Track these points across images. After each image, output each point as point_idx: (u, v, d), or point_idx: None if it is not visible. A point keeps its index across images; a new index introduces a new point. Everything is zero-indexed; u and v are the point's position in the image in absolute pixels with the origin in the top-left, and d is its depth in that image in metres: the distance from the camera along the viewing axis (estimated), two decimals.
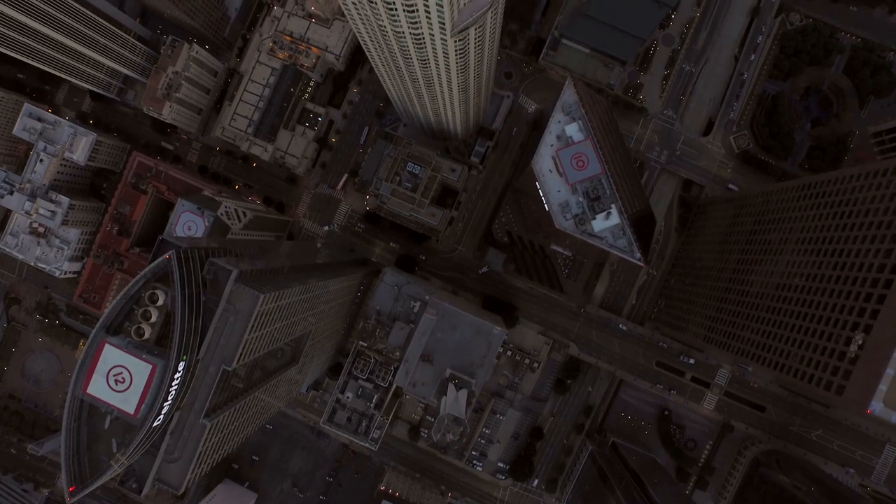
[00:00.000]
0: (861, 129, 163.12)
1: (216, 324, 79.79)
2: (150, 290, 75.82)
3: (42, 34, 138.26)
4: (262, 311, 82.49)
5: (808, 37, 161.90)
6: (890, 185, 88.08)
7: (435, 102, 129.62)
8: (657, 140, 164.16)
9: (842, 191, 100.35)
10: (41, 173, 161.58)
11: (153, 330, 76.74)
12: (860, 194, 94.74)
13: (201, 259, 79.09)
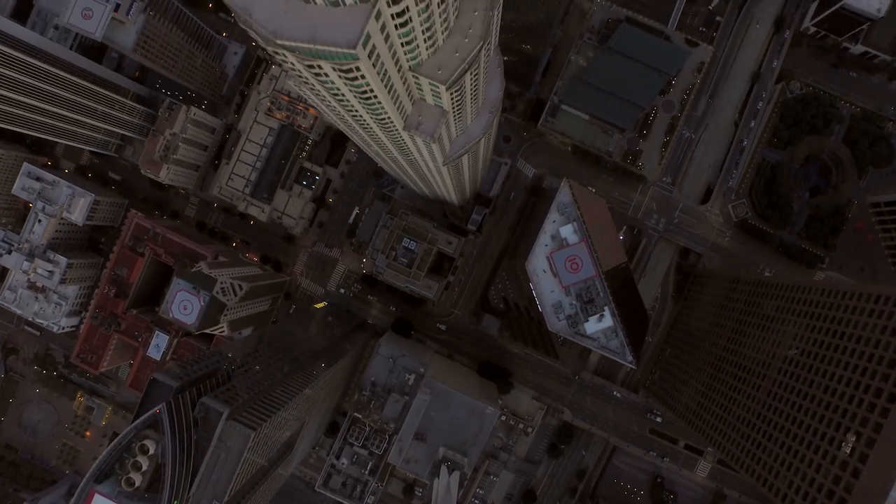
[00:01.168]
0: (860, 198, 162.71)
1: (208, 461, 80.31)
2: (140, 439, 76.29)
3: (40, 108, 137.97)
4: (253, 444, 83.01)
5: (808, 106, 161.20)
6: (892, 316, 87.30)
7: (428, 184, 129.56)
8: (655, 207, 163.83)
9: (839, 307, 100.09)
10: (39, 234, 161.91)
11: (143, 478, 77.28)
12: (857, 317, 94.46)
13: (192, 399, 79.47)
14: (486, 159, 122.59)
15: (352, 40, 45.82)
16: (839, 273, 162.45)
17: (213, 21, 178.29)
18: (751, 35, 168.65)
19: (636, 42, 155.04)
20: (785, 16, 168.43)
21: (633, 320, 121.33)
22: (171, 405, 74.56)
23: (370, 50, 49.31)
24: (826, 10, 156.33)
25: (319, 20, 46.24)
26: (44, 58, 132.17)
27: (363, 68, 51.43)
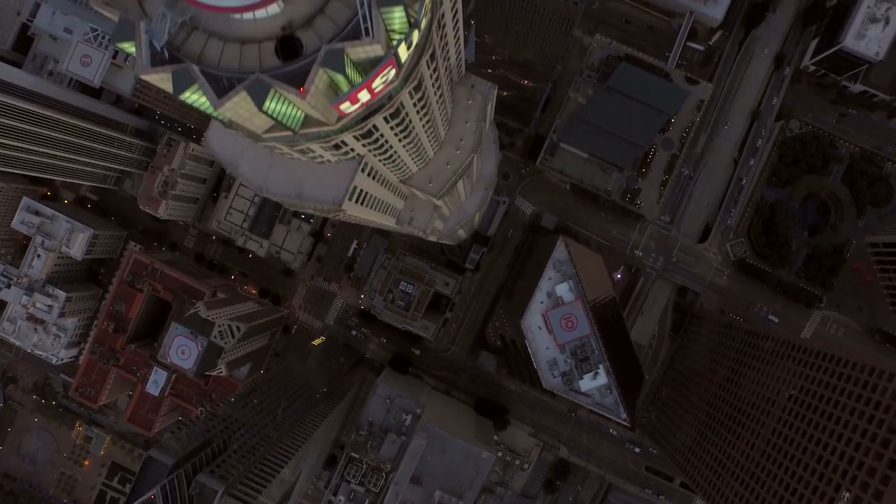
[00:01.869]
0: (858, 238, 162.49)
1: None
2: None
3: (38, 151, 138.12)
4: None
5: (807, 145, 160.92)
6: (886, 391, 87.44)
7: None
8: (653, 246, 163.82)
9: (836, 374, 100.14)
10: (38, 268, 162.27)
11: None
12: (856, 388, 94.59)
13: (188, 476, 79.86)
14: (482, 216, 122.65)
15: (338, 198, 45.95)
16: (837, 312, 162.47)
17: None
18: (751, 72, 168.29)
19: (636, 81, 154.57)
20: (785, 53, 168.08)
21: (627, 377, 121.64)
22: (166, 488, 74.97)
23: (357, 194, 49.38)
24: (825, 50, 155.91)
25: (305, 175, 46.26)
26: (42, 102, 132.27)
27: (348, 208, 51.34)
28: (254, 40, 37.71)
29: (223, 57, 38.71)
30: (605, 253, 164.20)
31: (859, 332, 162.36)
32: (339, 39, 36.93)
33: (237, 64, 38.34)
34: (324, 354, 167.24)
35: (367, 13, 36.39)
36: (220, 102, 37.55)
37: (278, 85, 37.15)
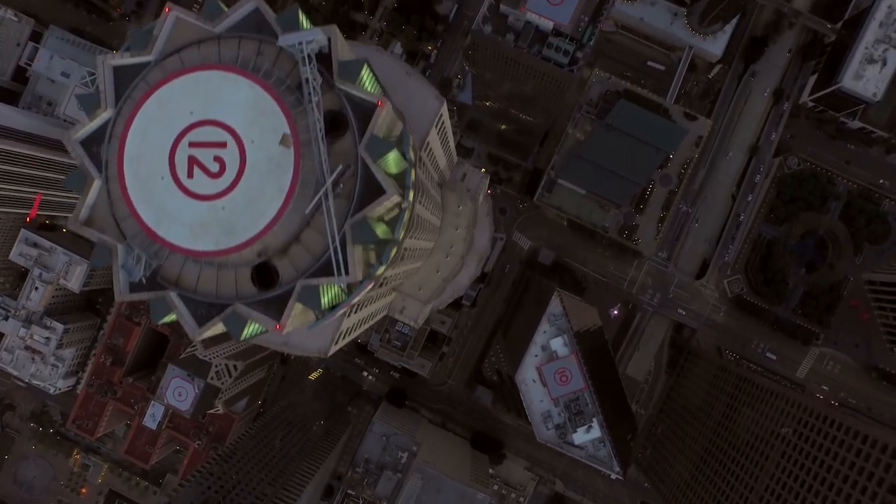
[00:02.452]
0: (856, 275, 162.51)
1: None
2: None
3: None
4: None
5: (805, 182, 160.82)
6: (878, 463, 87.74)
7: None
8: (651, 282, 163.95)
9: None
10: (36, 301, 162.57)
11: None
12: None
13: None
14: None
15: (324, 347, 46.03)
16: (834, 349, 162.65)
17: None
18: (750, 106, 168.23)
19: (634, 118, 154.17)
20: (784, 88, 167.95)
21: (621, 429, 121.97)
22: None
23: (345, 332, 49.35)
24: (824, 88, 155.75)
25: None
26: (40, 142, 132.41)
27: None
28: (230, 266, 37.85)
29: (200, 282, 38.54)
30: (602, 289, 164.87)
31: (856, 369, 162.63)
32: (315, 271, 37.02)
33: (214, 289, 38.37)
34: (321, 387, 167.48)
35: (339, 257, 36.51)
36: (198, 332, 37.75)
37: (255, 317, 37.32)
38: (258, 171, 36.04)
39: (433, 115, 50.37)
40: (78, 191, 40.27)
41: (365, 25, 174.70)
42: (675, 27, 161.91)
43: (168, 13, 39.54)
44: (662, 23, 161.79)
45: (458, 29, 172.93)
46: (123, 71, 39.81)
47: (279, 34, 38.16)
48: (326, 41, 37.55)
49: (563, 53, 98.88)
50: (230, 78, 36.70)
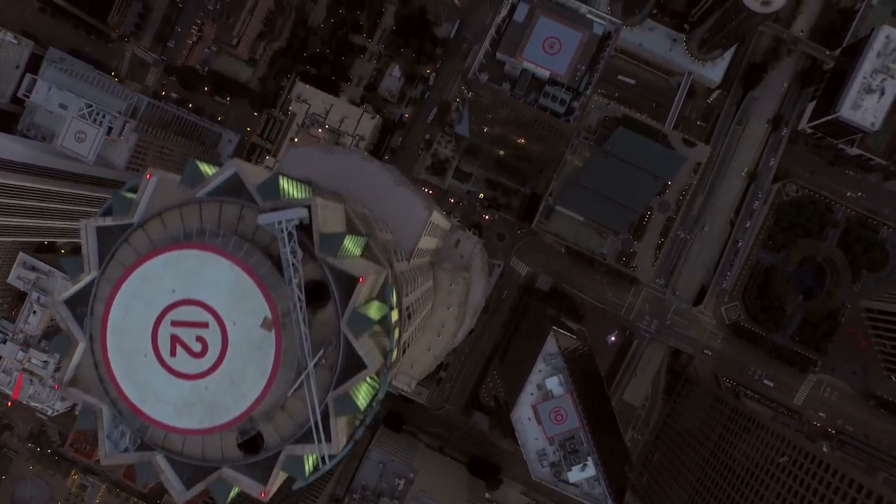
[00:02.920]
0: (853, 302, 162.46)
1: None
2: None
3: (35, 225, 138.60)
4: None
5: (804, 210, 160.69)
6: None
7: None
8: (648, 309, 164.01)
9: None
10: (34, 325, 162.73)
11: None
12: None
13: None
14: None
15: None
16: (831, 376, 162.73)
17: (207, 104, 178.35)
18: (748, 132, 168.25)
19: (633, 146, 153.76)
20: (782, 113, 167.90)
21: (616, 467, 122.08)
22: None
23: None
24: (822, 116, 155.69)
25: None
26: (38, 172, 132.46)
27: None
28: (215, 430, 38.00)
29: (186, 445, 38.93)
30: (600, 315, 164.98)
31: (853, 396, 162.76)
32: (300, 437, 37.30)
33: (200, 452, 38.51)
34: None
35: (319, 431, 36.83)
36: (186, 494, 37.88)
37: (242, 481, 37.48)
38: (240, 353, 36.33)
39: (422, 225, 50.34)
40: (63, 354, 40.76)
41: (363, 48, 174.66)
42: (674, 53, 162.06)
43: (149, 178, 39.86)
44: (661, 49, 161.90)
45: (457, 52, 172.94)
46: (107, 231, 40.36)
47: (258, 202, 38.27)
48: (307, 213, 37.40)
49: (560, 103, 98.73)
50: (211, 258, 36.82)
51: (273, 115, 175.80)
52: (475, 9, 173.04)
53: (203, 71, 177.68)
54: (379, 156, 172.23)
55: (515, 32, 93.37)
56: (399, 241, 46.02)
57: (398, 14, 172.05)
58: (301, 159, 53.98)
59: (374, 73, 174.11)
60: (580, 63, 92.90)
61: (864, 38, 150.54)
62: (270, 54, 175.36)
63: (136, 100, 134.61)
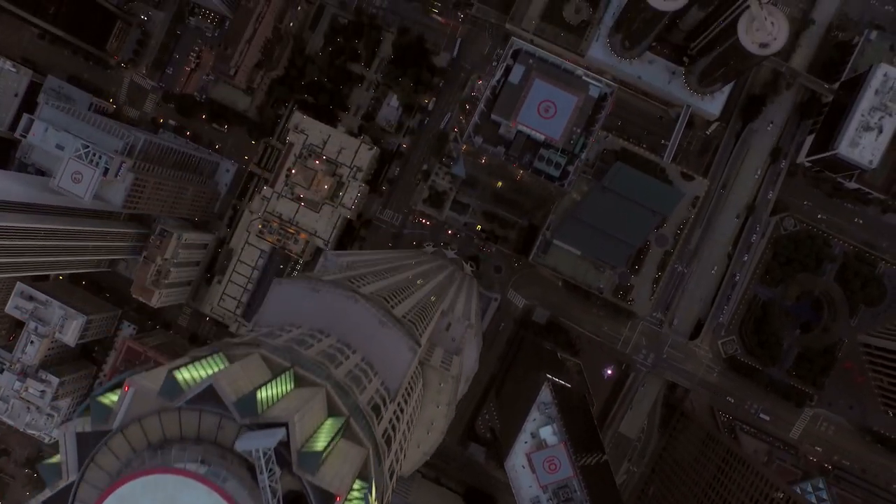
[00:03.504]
0: (850, 337, 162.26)
1: None
2: None
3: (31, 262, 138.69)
4: None
5: (801, 245, 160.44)
6: None
7: None
8: (644, 342, 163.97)
9: None
10: (32, 355, 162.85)
11: None
12: None
13: None
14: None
15: None
16: (828, 410, 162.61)
17: (205, 131, 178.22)
18: (747, 165, 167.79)
19: (631, 181, 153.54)
20: (781, 146, 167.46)
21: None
22: None
23: None
24: (821, 151, 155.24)
25: None
26: (35, 210, 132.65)
27: None
28: None
29: None
30: (596, 348, 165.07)
31: (850, 430, 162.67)
32: None
33: None
34: None
35: None
36: None
37: None
38: None
39: (406, 366, 50.28)
40: None
41: (361, 77, 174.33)
42: (673, 86, 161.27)
43: (127, 391, 39.85)
44: (660, 82, 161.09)
45: (455, 80, 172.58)
46: (86, 435, 40.46)
47: (237, 419, 38.32)
48: (285, 433, 37.55)
49: (555, 166, 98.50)
50: (190, 483, 36.85)
51: (271, 144, 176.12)
52: (474, 39, 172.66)
53: (201, 98, 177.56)
54: (377, 186, 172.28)
55: (511, 95, 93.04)
56: (384, 381, 46.05)
57: (396, 43, 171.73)
58: (286, 298, 53.94)
59: (371, 102, 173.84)
60: (576, 126, 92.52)
61: (863, 75, 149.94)
62: (268, 82, 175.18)
63: (133, 138, 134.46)
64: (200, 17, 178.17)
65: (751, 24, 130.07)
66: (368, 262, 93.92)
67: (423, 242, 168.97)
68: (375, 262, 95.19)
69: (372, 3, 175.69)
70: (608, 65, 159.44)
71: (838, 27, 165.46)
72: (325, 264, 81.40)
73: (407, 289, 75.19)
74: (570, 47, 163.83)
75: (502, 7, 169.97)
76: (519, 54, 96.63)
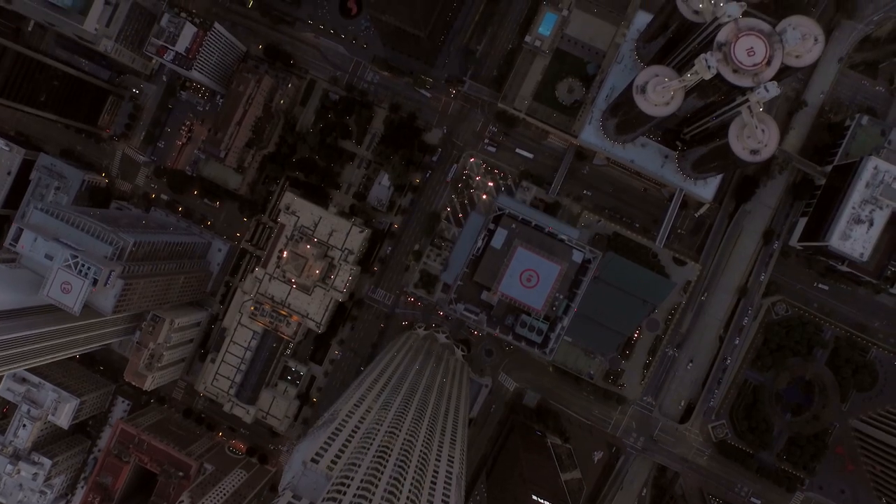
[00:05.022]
0: (842, 421, 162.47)
1: None
2: None
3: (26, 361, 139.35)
4: None
5: (792, 331, 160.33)
6: None
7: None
8: (635, 426, 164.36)
9: None
10: (24, 438, 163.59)
11: None
12: None
13: None
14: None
15: None
16: (819, 495, 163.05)
17: (197, 206, 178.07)
18: (739, 247, 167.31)
19: (622, 272, 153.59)
20: (774, 228, 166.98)
21: None
22: None
23: None
24: (813, 240, 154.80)
25: None
26: (28, 311, 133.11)
27: None
28: None
29: None
30: (587, 432, 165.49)
31: None
32: None
33: None
34: None
35: None
36: None
37: None
38: None
39: None
40: None
41: (353, 154, 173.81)
42: (666, 170, 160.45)
43: None
44: (653, 165, 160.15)
45: (447, 159, 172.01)
46: None
47: None
48: None
49: (537, 332, 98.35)
50: None
51: (262, 221, 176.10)
52: (465, 117, 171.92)
53: (192, 173, 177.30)
54: (369, 265, 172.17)
55: (493, 260, 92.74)
56: None
57: (387, 119, 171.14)
58: None
59: (363, 180, 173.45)
60: (558, 292, 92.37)
61: (854, 166, 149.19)
62: (259, 159, 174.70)
63: (122, 242, 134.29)
64: (191, 91, 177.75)
65: (742, 130, 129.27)
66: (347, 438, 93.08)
67: (415, 323, 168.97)
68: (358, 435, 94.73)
69: (363, 79, 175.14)
70: (601, 147, 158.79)
71: (830, 109, 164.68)
72: (299, 480, 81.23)
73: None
74: (564, 128, 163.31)
75: (495, 85, 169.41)
76: (501, 218, 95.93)
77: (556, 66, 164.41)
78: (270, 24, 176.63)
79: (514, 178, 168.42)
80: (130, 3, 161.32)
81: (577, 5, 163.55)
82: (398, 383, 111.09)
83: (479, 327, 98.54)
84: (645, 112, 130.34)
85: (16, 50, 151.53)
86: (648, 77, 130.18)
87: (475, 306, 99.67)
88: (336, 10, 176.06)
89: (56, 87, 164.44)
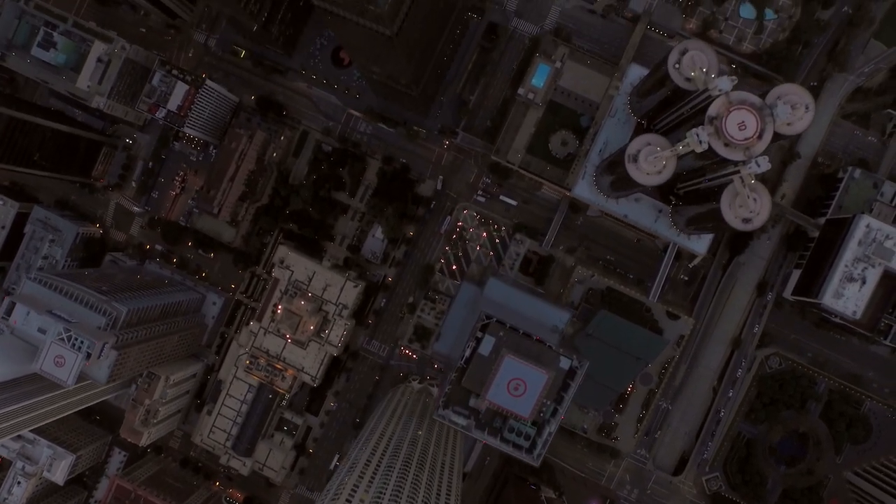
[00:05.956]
0: (836, 474, 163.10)
1: None
2: None
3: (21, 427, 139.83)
4: None
5: (786, 385, 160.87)
6: None
7: None
8: (628, 479, 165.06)
9: None
10: (18, 496, 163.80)
11: None
12: None
13: None
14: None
15: None
16: None
17: (192, 257, 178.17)
18: (733, 299, 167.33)
19: (615, 329, 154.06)
20: (767, 279, 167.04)
21: None
22: None
23: None
24: (806, 295, 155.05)
25: None
26: (22, 381, 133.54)
27: None
28: None
29: None
30: (580, 484, 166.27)
31: None
32: None
33: None
34: None
35: None
36: None
37: None
38: None
39: None
40: None
41: (346, 206, 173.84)
42: (660, 225, 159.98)
43: None
44: (647, 220, 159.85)
45: (441, 211, 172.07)
46: None
47: None
48: None
49: (525, 437, 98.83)
50: None
51: (257, 274, 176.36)
52: (458, 167, 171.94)
53: (186, 223, 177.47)
54: (363, 317, 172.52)
55: (480, 367, 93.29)
56: None
57: (381, 171, 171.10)
58: None
59: (357, 232, 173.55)
60: (546, 399, 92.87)
61: (846, 223, 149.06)
62: (253, 212, 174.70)
63: (116, 313, 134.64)
64: (185, 142, 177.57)
65: (734, 198, 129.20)
66: None
67: (410, 376, 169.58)
68: None
69: (356, 130, 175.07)
70: (594, 202, 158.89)
71: (823, 161, 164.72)
72: None
73: None
74: (558, 181, 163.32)
75: (488, 136, 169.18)
76: (489, 326, 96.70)
77: (550, 118, 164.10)
78: (263, 74, 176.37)
79: (509, 229, 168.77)
80: (123, 59, 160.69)
81: (570, 56, 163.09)
82: (391, 462, 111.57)
83: (467, 433, 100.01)
84: (637, 181, 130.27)
85: (8, 115, 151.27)
86: (641, 146, 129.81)
87: (464, 409, 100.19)
88: (328, 60, 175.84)
89: (49, 143, 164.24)
